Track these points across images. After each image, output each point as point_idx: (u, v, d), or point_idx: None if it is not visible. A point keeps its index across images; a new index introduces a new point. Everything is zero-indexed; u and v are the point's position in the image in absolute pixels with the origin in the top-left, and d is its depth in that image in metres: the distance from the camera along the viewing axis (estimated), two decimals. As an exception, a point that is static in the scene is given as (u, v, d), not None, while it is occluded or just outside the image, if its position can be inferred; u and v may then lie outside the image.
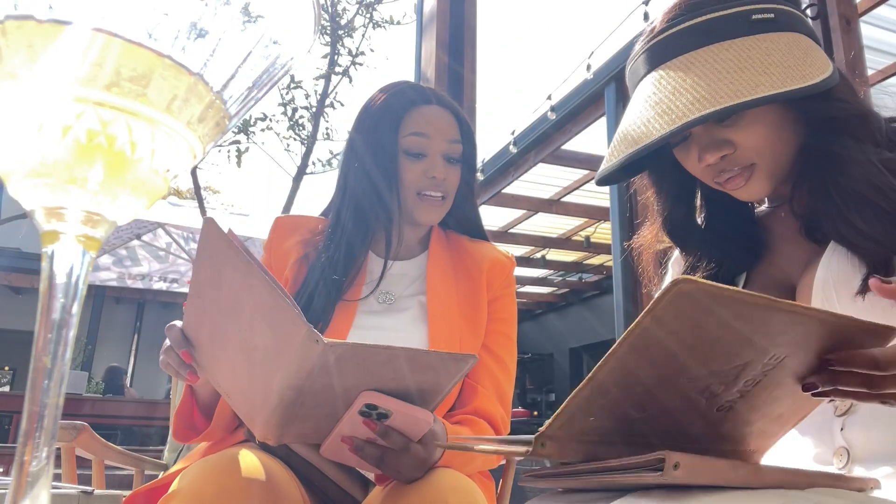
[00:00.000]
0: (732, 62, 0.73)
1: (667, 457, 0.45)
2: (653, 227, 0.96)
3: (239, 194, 17.94)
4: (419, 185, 1.07)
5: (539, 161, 5.70)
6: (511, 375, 1.09)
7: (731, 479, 0.48)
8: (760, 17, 0.77)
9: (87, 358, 8.99)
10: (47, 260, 0.32)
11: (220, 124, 0.37)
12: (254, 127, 3.43)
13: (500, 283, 1.12)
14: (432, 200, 1.07)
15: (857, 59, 3.12)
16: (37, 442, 0.30)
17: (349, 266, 1.07)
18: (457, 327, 1.04)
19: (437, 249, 1.14)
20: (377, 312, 1.06)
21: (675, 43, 0.78)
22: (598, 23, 4.97)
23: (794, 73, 0.72)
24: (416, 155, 1.07)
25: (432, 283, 1.09)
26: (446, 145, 1.07)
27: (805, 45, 0.77)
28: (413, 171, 1.07)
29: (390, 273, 1.11)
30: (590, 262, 9.06)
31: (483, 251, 1.15)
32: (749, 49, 0.74)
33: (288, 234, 1.13)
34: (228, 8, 0.33)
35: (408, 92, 1.10)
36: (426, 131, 1.07)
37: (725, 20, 0.77)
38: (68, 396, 0.29)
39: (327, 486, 0.89)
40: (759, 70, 0.72)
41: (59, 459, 1.19)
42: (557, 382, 11.90)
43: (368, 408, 0.70)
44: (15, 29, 0.29)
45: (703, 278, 0.91)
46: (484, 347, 1.07)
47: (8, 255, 8.30)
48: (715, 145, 0.78)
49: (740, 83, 0.71)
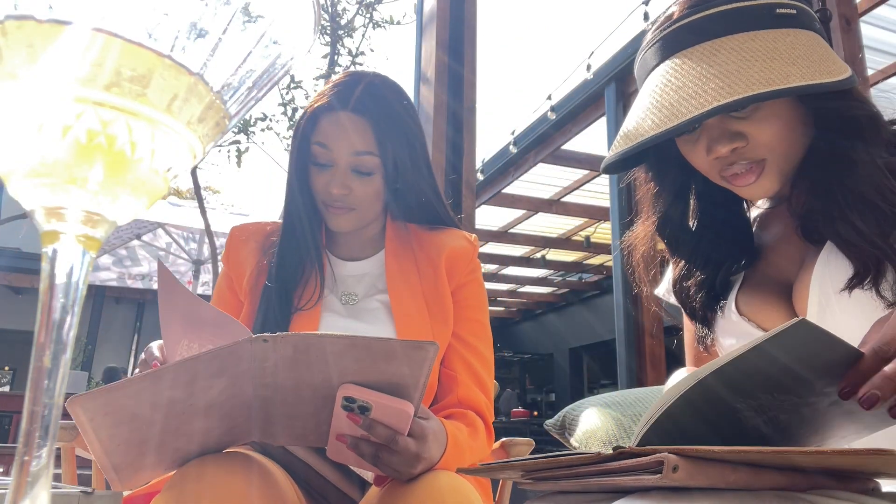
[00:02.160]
0: (760, 51, 0.73)
1: (665, 459, 0.45)
2: (646, 225, 0.95)
3: (239, 194, 17.94)
4: (322, 196, 1.03)
5: (539, 161, 5.70)
6: (486, 360, 1.07)
7: (731, 481, 0.48)
8: (784, 11, 0.76)
9: (87, 358, 8.99)
10: (47, 260, 0.32)
11: (220, 124, 0.37)
12: (254, 127, 3.43)
13: (461, 270, 1.09)
14: (337, 210, 1.03)
15: (857, 59, 3.12)
16: (37, 442, 0.30)
17: (299, 271, 1.05)
18: (425, 323, 1.03)
19: (394, 246, 1.11)
20: (342, 315, 1.05)
21: (698, 29, 0.77)
22: (598, 23, 4.96)
23: (820, 69, 0.71)
24: (320, 165, 1.02)
25: (392, 282, 1.07)
26: (351, 158, 1.00)
27: (824, 45, 0.77)
28: (318, 181, 1.03)
29: (350, 274, 1.10)
30: (590, 262, 9.07)
31: (442, 240, 1.11)
32: (776, 41, 0.74)
33: (243, 243, 1.11)
34: (228, 8, 0.33)
35: (330, 93, 1.02)
36: (327, 142, 1.00)
37: (751, 10, 0.76)
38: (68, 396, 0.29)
39: (326, 489, 0.89)
40: (787, 61, 0.71)
41: (59, 459, 1.19)
42: (557, 382, 11.90)
43: (348, 401, 0.71)
44: (15, 29, 0.29)
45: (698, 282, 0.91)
46: (455, 336, 1.06)
47: (8, 255, 8.29)
48: (728, 137, 0.77)
49: (771, 72, 0.70)
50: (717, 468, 0.47)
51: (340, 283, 1.09)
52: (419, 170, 1.08)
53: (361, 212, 1.04)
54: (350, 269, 1.11)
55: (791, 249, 0.86)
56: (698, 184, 0.92)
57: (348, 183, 1.01)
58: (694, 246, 0.91)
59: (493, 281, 9.90)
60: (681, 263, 0.93)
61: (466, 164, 2.43)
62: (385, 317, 1.04)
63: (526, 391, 12.68)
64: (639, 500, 0.50)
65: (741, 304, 0.85)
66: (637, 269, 0.98)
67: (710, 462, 0.47)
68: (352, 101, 1.00)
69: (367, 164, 1.01)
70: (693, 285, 0.91)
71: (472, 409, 1.00)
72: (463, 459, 0.88)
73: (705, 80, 0.72)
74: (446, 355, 1.05)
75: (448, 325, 1.05)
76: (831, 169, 0.76)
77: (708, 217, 0.92)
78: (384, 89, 1.04)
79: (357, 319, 1.05)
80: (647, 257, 0.96)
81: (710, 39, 0.76)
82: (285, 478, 0.85)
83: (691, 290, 0.91)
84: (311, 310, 1.03)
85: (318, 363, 0.69)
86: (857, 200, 0.73)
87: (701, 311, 0.91)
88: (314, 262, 1.07)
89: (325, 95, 1.02)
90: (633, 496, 0.52)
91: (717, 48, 0.75)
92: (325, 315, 1.04)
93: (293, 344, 0.66)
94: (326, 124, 1.01)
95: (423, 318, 1.04)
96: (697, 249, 0.91)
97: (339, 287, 1.09)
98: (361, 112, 1.00)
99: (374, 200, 1.05)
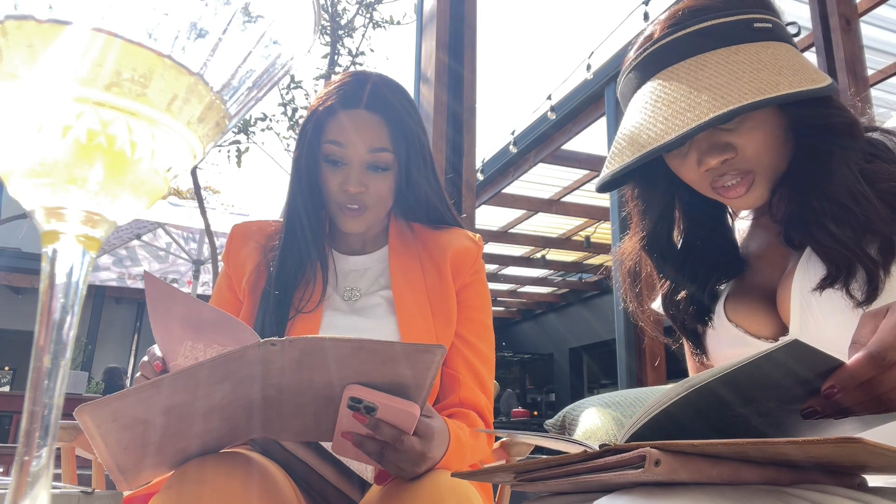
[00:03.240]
0: (745, 64, 0.75)
1: (647, 453, 0.45)
2: (633, 241, 0.97)
3: (239, 194, 17.95)
4: (336, 196, 1.02)
5: (539, 161, 5.70)
6: (488, 361, 1.08)
7: (713, 476, 0.48)
8: (761, 25, 0.79)
9: (87, 358, 8.99)
10: (47, 260, 0.32)
11: (220, 124, 0.37)
12: (254, 127, 3.43)
13: (467, 270, 1.09)
14: (350, 211, 1.03)
15: (857, 59, 3.12)
16: (37, 442, 0.30)
17: (300, 272, 1.05)
18: (428, 321, 1.03)
19: (398, 243, 1.11)
20: (344, 312, 1.05)
21: (681, 46, 0.79)
22: (598, 23, 4.97)
23: (804, 77, 0.73)
24: (334, 163, 1.02)
25: (396, 279, 1.06)
26: (367, 155, 1.00)
27: (801, 56, 0.79)
28: (332, 180, 1.02)
29: (352, 269, 1.10)
30: (590, 262, 9.06)
31: (447, 239, 1.11)
32: (758, 53, 0.76)
33: (244, 242, 1.11)
34: (228, 8, 0.33)
35: (339, 92, 1.02)
36: (342, 140, 1.00)
37: (731, 26, 0.78)
38: (68, 396, 0.29)
39: (325, 489, 0.89)
40: (773, 71, 0.73)
41: (59, 459, 1.19)
42: (557, 382, 11.90)
43: (354, 401, 0.72)
44: (15, 29, 0.29)
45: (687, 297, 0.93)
46: (458, 336, 1.06)
47: (8, 255, 8.29)
48: (717, 149, 0.78)
49: (760, 82, 0.72)
50: (699, 463, 0.47)
51: (342, 277, 1.09)
52: (426, 168, 1.08)
53: (376, 210, 1.05)
54: (352, 263, 1.11)
55: (775, 256, 0.88)
56: (683, 200, 0.95)
57: (364, 180, 1.01)
58: (681, 264, 0.93)
59: (493, 281, 9.90)
60: (668, 282, 0.95)
61: (466, 164, 2.43)
62: (388, 314, 1.04)
63: (526, 391, 12.68)
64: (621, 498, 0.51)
65: (729, 311, 0.88)
66: (624, 283, 0.99)
67: (692, 457, 0.47)
68: (364, 99, 1.01)
69: (383, 160, 1.01)
70: (682, 300, 0.94)
71: (473, 410, 1.01)
72: (464, 459, 0.88)
73: (696, 93, 0.74)
74: (450, 355, 1.05)
75: (451, 325, 1.05)
76: (809, 175, 0.78)
77: (694, 232, 0.94)
78: (390, 89, 1.04)
79: (359, 315, 1.04)
80: (631, 274, 0.98)
81: (693, 56, 0.78)
82: (285, 478, 0.85)
83: (681, 306, 0.94)
84: (311, 313, 1.02)
85: (325, 365, 0.70)
86: (832, 205, 0.75)
87: (691, 326, 0.93)
88: (316, 260, 1.06)
89: (331, 95, 1.02)
90: (615, 493, 0.52)
91: (702, 63, 0.77)
92: (326, 312, 1.04)
93: (301, 348, 0.66)
94: (340, 122, 1.01)
95: (425, 317, 1.03)
96: (684, 267, 0.93)
97: (340, 282, 1.09)
98: (374, 109, 1.01)
99: (388, 198, 1.05)
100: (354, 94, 1.01)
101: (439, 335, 1.03)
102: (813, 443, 0.42)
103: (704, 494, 0.48)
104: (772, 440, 0.44)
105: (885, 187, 0.75)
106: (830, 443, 0.42)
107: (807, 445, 0.43)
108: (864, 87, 3.10)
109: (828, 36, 3.18)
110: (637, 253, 0.96)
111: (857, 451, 0.43)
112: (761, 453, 0.46)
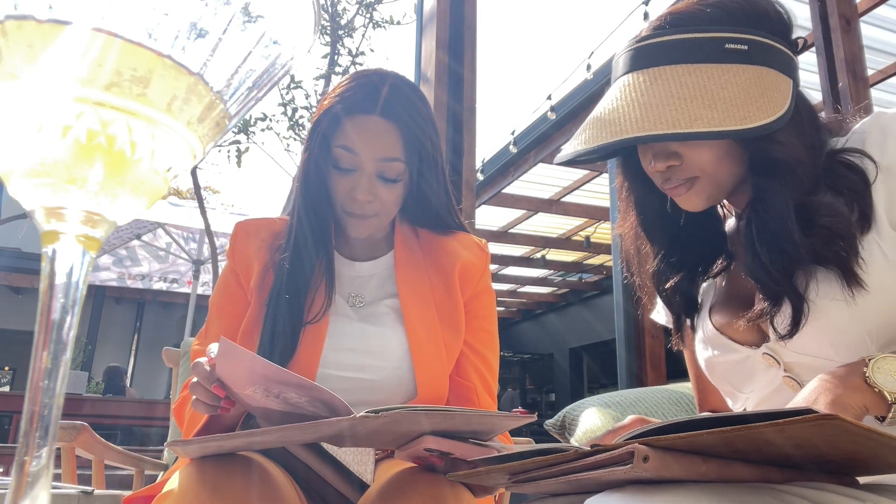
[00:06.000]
0: (689, 88, 0.76)
1: (636, 449, 0.45)
2: (628, 221, 0.99)
3: (239, 194, 17.95)
4: (344, 202, 0.99)
5: (539, 161, 5.70)
6: (493, 370, 1.09)
7: (702, 472, 0.48)
8: (733, 46, 0.78)
9: (87, 358, 9.00)
10: (47, 260, 0.32)
11: (220, 124, 0.37)
12: (254, 127, 3.43)
13: (475, 280, 1.09)
14: (357, 220, 1.00)
15: (857, 59, 3.12)
16: (37, 442, 0.30)
17: (312, 273, 1.02)
18: (436, 330, 1.02)
19: (403, 249, 1.09)
20: (351, 318, 1.03)
21: (650, 53, 0.81)
22: (598, 23, 4.97)
23: (736, 114, 0.73)
24: (343, 169, 0.98)
25: (403, 287, 1.05)
26: (377, 164, 0.97)
27: (768, 83, 0.77)
28: (341, 185, 0.99)
29: (357, 275, 1.08)
30: (590, 262, 9.07)
31: (454, 247, 1.09)
32: (708, 78, 0.76)
33: (249, 240, 1.08)
34: (228, 8, 0.33)
35: (354, 94, 0.98)
36: (353, 146, 0.96)
37: (700, 43, 0.78)
38: (68, 396, 0.29)
39: (325, 490, 0.89)
40: (706, 103, 0.74)
41: (59, 459, 1.19)
42: (557, 382, 11.91)
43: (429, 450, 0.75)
44: (15, 29, 0.29)
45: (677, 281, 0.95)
46: (467, 345, 1.06)
47: (8, 255, 8.30)
48: (664, 155, 0.81)
49: (684, 113, 0.74)
50: (688, 459, 0.47)
51: (347, 283, 1.07)
52: (438, 176, 1.05)
53: (382, 218, 1.02)
54: (357, 269, 1.09)
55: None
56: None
57: (374, 189, 0.98)
58: (674, 234, 0.94)
59: (493, 281, 9.89)
60: (661, 253, 0.95)
61: (466, 164, 2.43)
62: (396, 322, 1.03)
63: (526, 391, 12.68)
64: (612, 495, 0.51)
65: (714, 318, 0.90)
66: (629, 255, 1.01)
67: (680, 453, 0.47)
68: (379, 105, 0.96)
69: (394, 171, 0.98)
70: (673, 277, 0.95)
71: None
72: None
73: (632, 107, 0.77)
74: (461, 365, 1.06)
75: (459, 334, 1.05)
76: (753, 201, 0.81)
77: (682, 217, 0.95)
78: (409, 92, 1.00)
79: (367, 323, 1.03)
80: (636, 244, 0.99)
81: (657, 66, 0.80)
82: (285, 478, 0.85)
83: (672, 281, 0.95)
84: (317, 324, 1.00)
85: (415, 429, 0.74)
86: (766, 236, 0.77)
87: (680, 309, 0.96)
88: (323, 267, 1.04)
89: (346, 97, 0.98)
90: (607, 492, 0.52)
91: (657, 76, 0.79)
92: (333, 319, 1.02)
93: (394, 418, 0.67)
94: (353, 127, 0.97)
95: (434, 326, 1.03)
96: (677, 238, 0.94)
97: (345, 288, 1.07)
98: (389, 116, 0.97)
99: (396, 206, 1.03)
100: (370, 99, 0.97)
101: (447, 344, 1.02)
102: (792, 423, 0.42)
103: (696, 491, 0.48)
104: (753, 424, 0.43)
105: (823, 222, 0.75)
106: (809, 421, 0.42)
107: (787, 427, 0.43)
108: (864, 87, 3.10)
109: (828, 36, 3.18)
110: (634, 229, 0.97)
111: (837, 431, 0.43)
112: (745, 440, 0.46)
